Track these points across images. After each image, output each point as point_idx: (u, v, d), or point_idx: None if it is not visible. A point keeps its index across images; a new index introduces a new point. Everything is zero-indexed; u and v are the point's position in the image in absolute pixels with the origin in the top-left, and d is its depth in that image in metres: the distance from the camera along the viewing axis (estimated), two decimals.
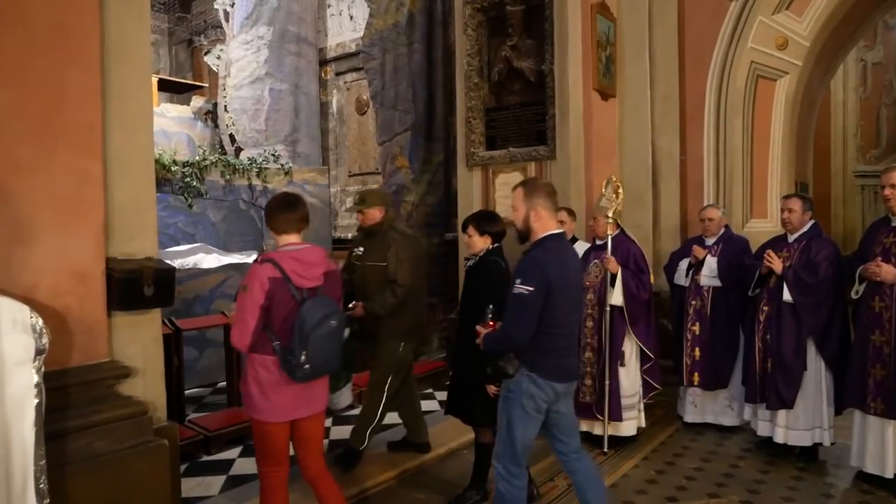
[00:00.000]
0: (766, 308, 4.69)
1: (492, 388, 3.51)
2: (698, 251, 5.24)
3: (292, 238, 3.08)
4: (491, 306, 3.27)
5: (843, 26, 6.55)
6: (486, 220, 3.89)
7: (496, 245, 3.88)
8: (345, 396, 4.84)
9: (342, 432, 4.97)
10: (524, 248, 3.27)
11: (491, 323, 3.26)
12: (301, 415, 3.06)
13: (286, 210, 3.08)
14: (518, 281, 2.99)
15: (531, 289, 2.93)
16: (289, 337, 2.91)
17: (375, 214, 4.41)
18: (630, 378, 4.90)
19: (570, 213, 5.56)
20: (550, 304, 2.98)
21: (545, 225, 3.12)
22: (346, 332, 3.15)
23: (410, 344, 4.52)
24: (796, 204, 4.67)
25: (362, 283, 4.41)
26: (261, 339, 2.96)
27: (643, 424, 5.07)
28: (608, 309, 4.78)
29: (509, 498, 3.10)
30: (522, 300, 2.95)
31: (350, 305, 4.26)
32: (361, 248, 4.55)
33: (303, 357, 2.88)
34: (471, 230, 3.87)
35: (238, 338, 2.94)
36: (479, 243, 3.84)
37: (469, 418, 3.93)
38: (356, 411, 5.35)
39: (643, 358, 4.97)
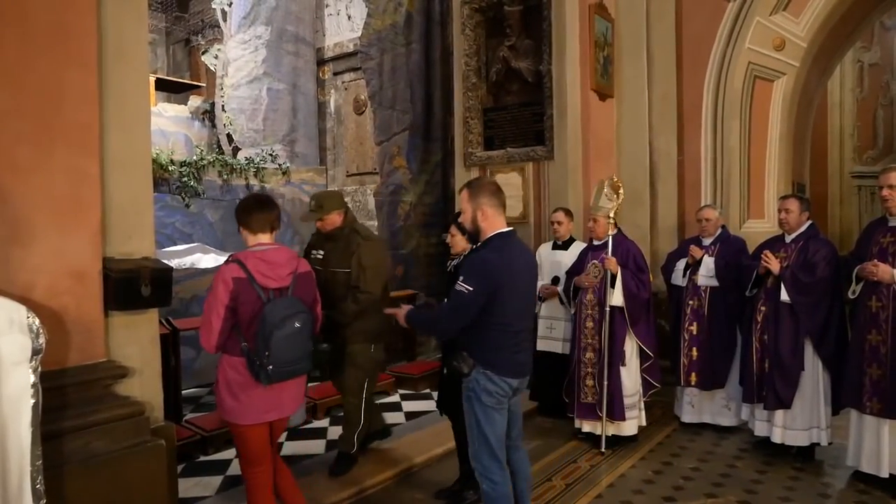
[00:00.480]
0: (763, 308, 4.70)
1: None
2: (696, 251, 5.24)
3: (265, 238, 3.11)
4: (427, 298, 3.30)
5: (840, 27, 6.56)
6: None
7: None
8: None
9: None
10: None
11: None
12: (271, 418, 3.07)
13: (260, 210, 3.11)
14: (461, 279, 3.00)
15: (471, 289, 2.95)
16: (255, 338, 2.92)
17: (335, 219, 4.23)
18: (631, 377, 4.91)
19: (567, 213, 5.58)
20: (499, 302, 2.99)
21: (493, 223, 3.11)
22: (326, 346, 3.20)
23: (380, 344, 4.46)
24: (793, 204, 4.68)
25: (325, 289, 4.10)
26: (230, 340, 2.98)
27: (644, 423, 5.09)
28: (608, 309, 4.79)
29: (495, 495, 3.11)
30: (461, 298, 2.97)
31: None
32: (321, 252, 4.35)
33: (266, 358, 2.89)
34: (453, 230, 3.91)
35: (204, 338, 2.98)
36: (462, 243, 3.88)
37: (456, 416, 3.94)
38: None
39: (643, 357, 4.98)
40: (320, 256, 4.33)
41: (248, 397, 2.98)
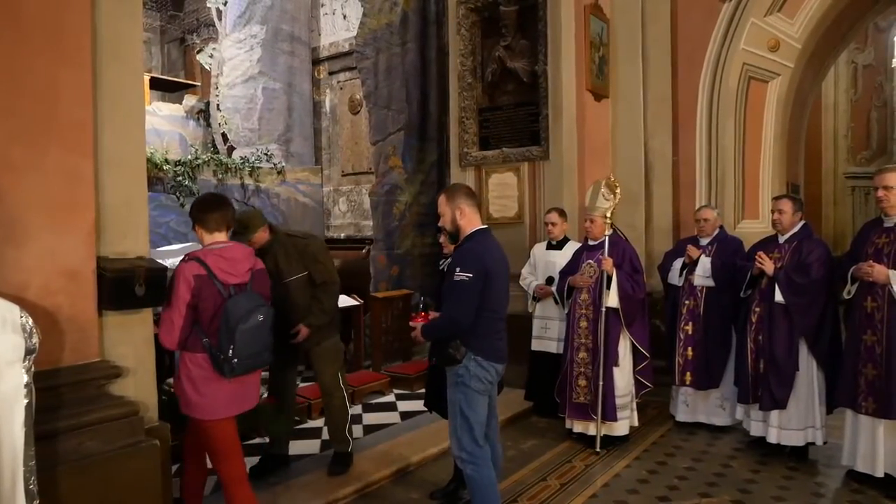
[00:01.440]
0: (758, 309, 4.71)
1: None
2: (692, 251, 5.26)
3: (221, 236, 3.18)
4: (423, 297, 3.34)
5: (834, 28, 6.59)
6: None
7: None
8: None
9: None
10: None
11: (423, 314, 3.49)
12: (236, 411, 3.13)
13: (217, 209, 3.18)
14: (458, 269, 3.19)
15: (470, 275, 3.15)
16: (217, 334, 2.98)
17: (263, 236, 4.10)
18: (624, 378, 4.92)
19: (561, 213, 5.57)
20: (487, 289, 3.20)
21: (471, 221, 3.35)
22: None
23: (338, 333, 4.47)
24: (786, 205, 4.70)
25: (285, 302, 4.08)
26: (191, 336, 3.04)
27: (636, 424, 5.09)
28: (604, 310, 4.79)
29: (479, 478, 3.25)
30: (464, 286, 3.15)
31: (293, 332, 4.09)
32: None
33: (230, 352, 2.95)
34: (444, 232, 3.91)
35: (165, 335, 3.03)
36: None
37: (444, 412, 3.96)
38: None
39: (636, 357, 4.98)
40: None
41: (212, 392, 3.04)
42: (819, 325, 4.47)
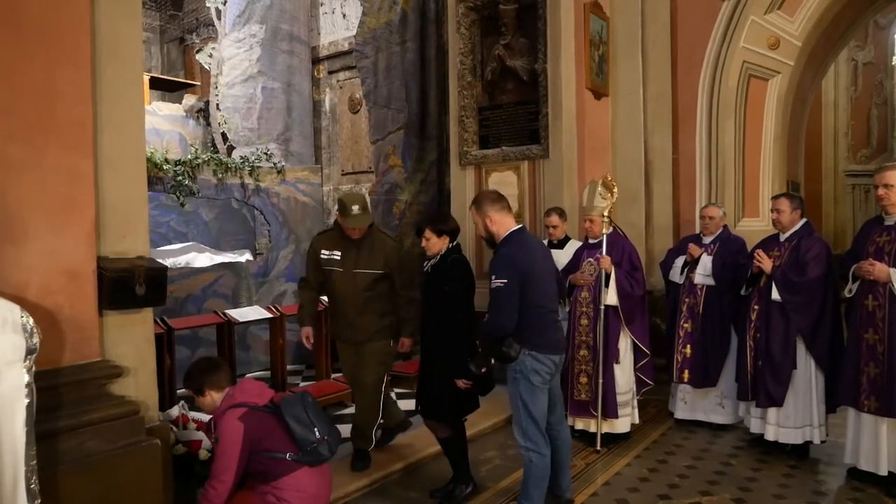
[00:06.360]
0: (756, 307, 4.71)
1: (461, 383, 3.71)
2: (694, 249, 5.26)
3: (229, 389, 3.13)
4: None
5: (834, 26, 6.59)
6: (440, 220, 3.97)
7: (455, 243, 3.97)
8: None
9: None
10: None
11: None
12: None
13: (220, 367, 3.17)
14: (493, 276, 3.40)
15: (505, 280, 3.36)
16: (289, 440, 2.97)
17: (366, 227, 4.24)
18: (625, 375, 4.92)
19: (561, 214, 5.54)
20: (528, 288, 3.41)
21: (503, 224, 3.56)
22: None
23: (392, 338, 4.49)
24: (784, 204, 4.70)
25: (340, 289, 4.22)
26: (269, 468, 2.96)
27: (637, 421, 5.09)
28: (602, 308, 4.79)
29: (542, 466, 3.50)
30: (501, 291, 3.37)
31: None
32: (337, 253, 4.25)
33: (316, 432, 2.97)
34: (427, 233, 3.91)
35: (217, 494, 2.88)
36: (438, 244, 3.91)
37: (432, 413, 3.99)
38: None
39: (637, 355, 4.99)
40: (336, 257, 4.25)
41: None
42: (816, 324, 4.46)
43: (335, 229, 4.36)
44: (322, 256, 4.29)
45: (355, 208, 4.12)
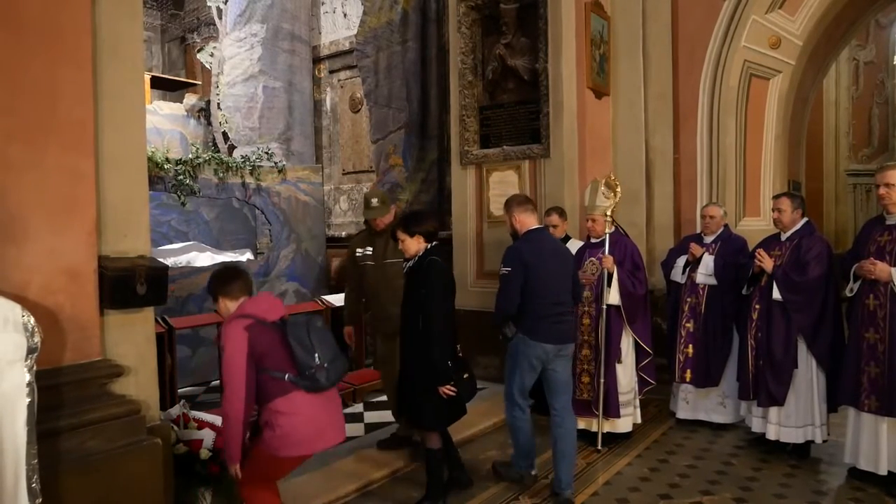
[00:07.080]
0: (757, 307, 4.71)
1: (444, 390, 3.68)
2: (695, 249, 5.26)
3: (244, 299, 3.11)
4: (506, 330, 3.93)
5: (835, 25, 6.57)
6: (412, 221, 3.86)
7: (432, 244, 3.86)
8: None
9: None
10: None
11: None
12: (319, 447, 3.06)
13: (238, 277, 3.14)
14: (501, 266, 3.91)
15: (509, 269, 3.85)
16: (291, 361, 2.93)
17: (390, 217, 4.54)
18: (627, 375, 4.91)
19: (561, 214, 5.52)
20: (532, 279, 3.83)
21: (524, 223, 4.03)
22: None
23: None
24: (785, 203, 4.69)
25: (377, 281, 4.49)
26: (265, 388, 2.95)
27: (639, 420, 5.09)
28: (605, 307, 4.79)
29: (512, 422, 4.08)
30: (505, 278, 3.87)
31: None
32: (370, 249, 4.59)
33: (317, 357, 2.93)
34: (400, 234, 3.85)
35: (230, 407, 2.90)
36: (413, 245, 3.82)
37: (416, 421, 3.96)
38: None
39: (639, 354, 4.99)
40: (369, 252, 4.60)
41: (301, 425, 2.96)
42: (818, 323, 4.46)
43: (366, 229, 4.75)
44: (357, 254, 4.66)
45: (374, 201, 4.58)
